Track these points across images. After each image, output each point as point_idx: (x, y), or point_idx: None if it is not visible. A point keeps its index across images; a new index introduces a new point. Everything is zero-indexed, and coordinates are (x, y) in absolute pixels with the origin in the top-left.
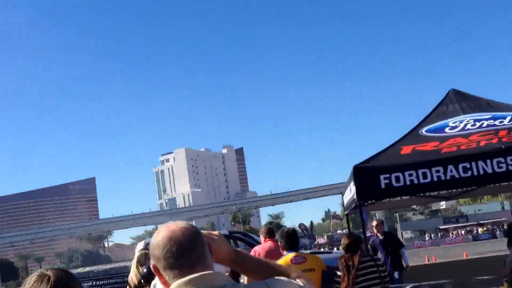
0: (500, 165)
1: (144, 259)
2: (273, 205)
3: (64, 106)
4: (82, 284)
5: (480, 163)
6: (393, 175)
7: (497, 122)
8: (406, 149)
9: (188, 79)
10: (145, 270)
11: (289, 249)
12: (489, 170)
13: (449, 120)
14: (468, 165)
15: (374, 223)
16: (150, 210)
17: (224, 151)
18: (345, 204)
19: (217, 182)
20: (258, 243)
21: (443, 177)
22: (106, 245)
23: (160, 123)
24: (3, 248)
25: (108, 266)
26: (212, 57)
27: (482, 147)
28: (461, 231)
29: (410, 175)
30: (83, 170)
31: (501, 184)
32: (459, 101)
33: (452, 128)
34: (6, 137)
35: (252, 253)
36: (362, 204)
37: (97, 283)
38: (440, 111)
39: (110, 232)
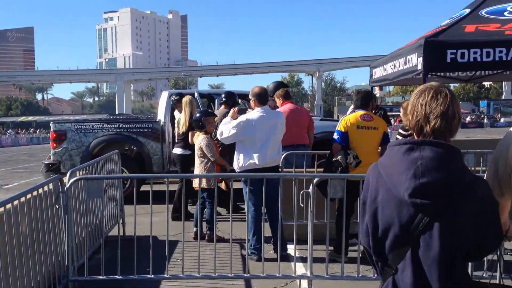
0: None
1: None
2: (217, 76)
3: None
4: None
5: None
6: (459, 51)
7: None
8: (470, 28)
9: None
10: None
11: (361, 107)
12: None
13: (507, 5)
14: None
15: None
16: (88, 68)
17: (170, 16)
18: (376, 77)
19: (159, 47)
20: None
21: (504, 58)
22: (44, 97)
23: None
24: None
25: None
26: None
27: None
28: None
29: (475, 52)
30: (21, 18)
31: None
32: None
33: (511, 12)
34: None
35: None
36: (426, 76)
37: (124, 126)
38: None
39: (51, 85)
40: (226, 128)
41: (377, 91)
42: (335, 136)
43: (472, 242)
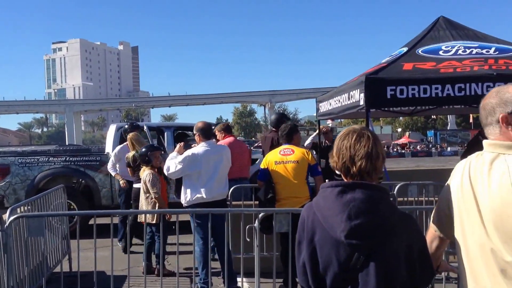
0: (489, 89)
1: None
2: (169, 107)
3: None
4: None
5: (473, 85)
6: (398, 88)
7: (484, 51)
8: (408, 66)
9: None
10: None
11: (286, 142)
12: (479, 92)
13: (441, 44)
14: (463, 86)
15: (324, 129)
16: (35, 99)
17: (120, 47)
18: (322, 111)
19: (110, 78)
20: None
21: (440, 94)
22: None
23: (56, 7)
24: None
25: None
26: None
27: (475, 71)
28: None
29: (413, 89)
30: None
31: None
32: (448, 28)
33: (445, 51)
34: None
35: None
36: (368, 111)
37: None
38: (433, 35)
39: None
40: (173, 163)
41: (329, 122)
42: (259, 173)
43: (405, 278)
